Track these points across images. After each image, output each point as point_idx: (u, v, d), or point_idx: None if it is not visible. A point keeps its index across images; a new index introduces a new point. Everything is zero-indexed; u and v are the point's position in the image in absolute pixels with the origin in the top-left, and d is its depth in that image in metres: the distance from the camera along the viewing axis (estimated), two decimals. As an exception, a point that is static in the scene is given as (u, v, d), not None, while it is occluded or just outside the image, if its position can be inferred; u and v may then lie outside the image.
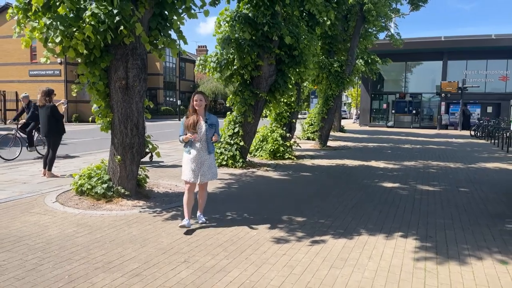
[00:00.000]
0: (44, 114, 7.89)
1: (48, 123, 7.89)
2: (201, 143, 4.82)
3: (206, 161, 4.87)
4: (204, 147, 4.84)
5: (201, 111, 4.86)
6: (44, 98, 7.91)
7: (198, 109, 4.83)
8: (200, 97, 4.84)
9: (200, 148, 4.83)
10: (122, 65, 5.67)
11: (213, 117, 4.98)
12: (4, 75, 30.64)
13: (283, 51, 9.04)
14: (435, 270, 3.84)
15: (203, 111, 4.88)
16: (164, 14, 5.92)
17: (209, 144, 4.87)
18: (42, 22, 5.05)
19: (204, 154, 4.85)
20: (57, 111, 8.01)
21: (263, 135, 11.48)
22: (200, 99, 4.81)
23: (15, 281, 3.41)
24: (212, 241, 4.51)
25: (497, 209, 6.28)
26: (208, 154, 4.88)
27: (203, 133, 4.81)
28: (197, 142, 4.80)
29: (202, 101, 4.82)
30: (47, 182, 7.56)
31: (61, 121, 8.14)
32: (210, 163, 4.92)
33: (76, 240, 4.43)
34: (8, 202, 5.95)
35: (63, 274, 3.55)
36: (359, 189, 7.59)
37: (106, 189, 5.97)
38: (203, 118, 4.86)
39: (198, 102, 4.80)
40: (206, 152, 4.86)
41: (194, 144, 4.82)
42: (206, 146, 4.85)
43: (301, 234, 4.83)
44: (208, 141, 4.85)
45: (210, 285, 3.40)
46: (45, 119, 7.88)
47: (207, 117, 4.90)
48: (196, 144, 4.81)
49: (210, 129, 4.86)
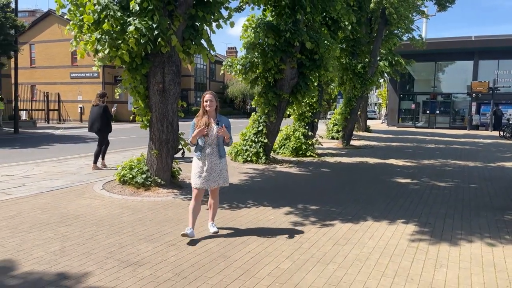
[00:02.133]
0: (97, 112, 9.02)
1: (100, 121, 9.00)
2: (211, 146, 4.51)
3: (217, 165, 4.55)
4: (215, 151, 4.53)
5: (211, 112, 4.53)
6: (98, 99, 9.07)
7: (209, 110, 4.50)
8: (210, 97, 4.51)
9: (211, 152, 4.52)
10: (160, 71, 6.54)
11: (224, 119, 4.64)
12: (47, 77, 32.72)
13: (304, 55, 9.71)
14: (426, 249, 4.44)
15: (214, 113, 4.56)
16: (195, 26, 6.74)
17: (220, 148, 4.57)
18: (94, 36, 5.97)
19: (215, 158, 4.54)
20: (108, 111, 9.17)
21: (286, 134, 12.18)
22: (210, 99, 4.49)
23: (77, 246, 4.29)
24: (235, 221, 5.27)
25: (501, 203, 6.72)
26: (219, 158, 4.57)
27: (214, 136, 4.49)
28: (208, 146, 4.51)
29: (212, 102, 4.50)
30: (93, 173, 8.58)
31: (110, 120, 9.22)
32: (221, 168, 4.59)
33: (122, 218, 5.31)
34: (64, 189, 6.96)
35: (114, 242, 4.41)
36: (373, 183, 8.16)
37: (144, 179, 6.86)
38: (214, 120, 4.53)
39: (209, 102, 4.48)
40: (217, 156, 4.55)
41: (204, 148, 4.52)
42: (217, 150, 4.54)
43: (313, 219, 5.51)
44: (219, 144, 4.55)
45: (233, 254, 4.16)
46: (98, 117, 9.00)
47: (218, 119, 4.57)
48: (207, 149, 4.51)
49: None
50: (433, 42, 28.83)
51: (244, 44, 9.86)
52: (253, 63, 9.83)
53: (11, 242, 4.36)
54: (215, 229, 4.74)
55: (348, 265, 3.94)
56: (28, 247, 4.20)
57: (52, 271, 3.65)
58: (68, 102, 32.12)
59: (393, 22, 14.05)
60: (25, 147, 13.72)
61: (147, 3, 5.81)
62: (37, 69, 33.38)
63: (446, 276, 3.74)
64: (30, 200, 6.16)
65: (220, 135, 4.46)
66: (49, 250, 4.15)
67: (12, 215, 5.32)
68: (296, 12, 9.18)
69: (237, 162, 10.35)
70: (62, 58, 32.19)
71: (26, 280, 3.45)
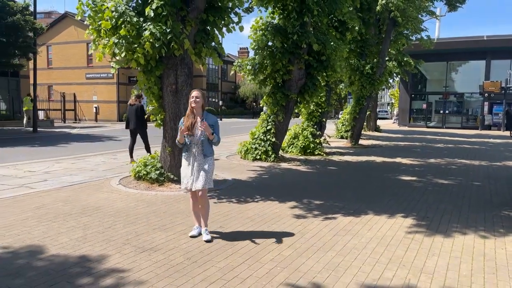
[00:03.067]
0: (134, 111, 9.80)
1: (136, 119, 9.80)
2: (197, 146, 4.40)
3: (201, 165, 4.42)
4: (199, 150, 4.42)
5: (198, 110, 4.40)
6: (135, 99, 9.91)
7: (194, 106, 4.37)
8: (197, 94, 4.39)
9: (196, 152, 4.42)
10: (173, 73, 6.93)
11: (211, 117, 4.49)
12: (64, 78, 33.57)
13: (312, 56, 10.01)
14: (420, 240, 4.72)
15: (200, 110, 4.43)
16: (206, 30, 7.12)
17: (205, 147, 4.43)
18: (112, 41, 6.39)
19: (200, 158, 4.42)
20: (144, 110, 9.82)
21: (295, 133, 12.49)
22: (197, 96, 4.37)
23: (98, 234, 4.69)
24: (242, 214, 5.63)
25: (501, 200, 6.93)
26: (203, 157, 4.43)
27: (199, 135, 4.38)
28: (193, 146, 4.42)
29: (199, 99, 4.37)
30: (110, 169, 9.03)
31: (145, 119, 9.87)
32: (206, 168, 4.42)
33: (137, 210, 5.71)
34: (83, 183, 7.41)
35: (131, 231, 4.80)
36: (378, 181, 8.43)
37: (158, 175, 7.26)
38: (200, 119, 4.41)
39: (194, 99, 4.36)
40: (201, 155, 4.42)
41: (190, 147, 4.44)
42: (201, 149, 4.42)
43: (316, 212, 5.83)
44: (204, 143, 4.42)
45: (239, 242, 4.50)
46: (134, 115, 9.80)
47: (205, 117, 4.43)
48: (193, 148, 4.42)
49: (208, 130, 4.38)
50: (444, 42, 28.79)
51: (252, 44, 10.20)
52: (262, 64, 10.18)
53: (37, 230, 4.78)
54: (208, 237, 4.47)
55: (346, 253, 4.25)
56: (53, 234, 4.62)
57: (76, 254, 4.05)
58: (83, 102, 32.91)
59: (401, 23, 14.24)
60: (44, 145, 14.30)
61: (161, 9, 6.20)
62: (53, 70, 34.26)
63: (436, 263, 4.03)
64: (52, 193, 6.61)
65: (202, 131, 4.32)
66: (72, 237, 4.56)
67: (37, 207, 5.76)
68: (303, 15, 9.49)
69: (246, 160, 10.70)
70: (78, 59, 33.02)
71: (53, 262, 3.86)
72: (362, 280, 3.61)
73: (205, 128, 4.31)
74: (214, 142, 4.47)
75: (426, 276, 3.71)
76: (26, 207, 5.75)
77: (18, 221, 5.10)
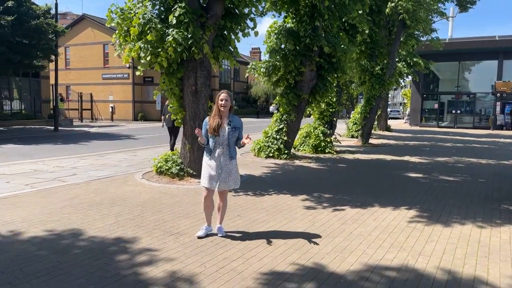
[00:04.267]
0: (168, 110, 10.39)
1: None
2: (222, 147, 4.45)
3: (227, 166, 4.48)
4: (225, 151, 4.46)
5: (225, 112, 4.46)
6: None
7: (223, 110, 4.43)
8: (226, 96, 4.45)
9: (221, 153, 4.46)
10: (193, 75, 7.46)
11: (236, 120, 4.56)
12: (81, 78, 34.55)
13: (323, 58, 10.47)
14: (421, 228, 5.16)
15: (227, 113, 4.49)
16: (224, 35, 7.63)
17: (231, 149, 4.49)
18: (138, 45, 6.95)
19: (226, 159, 4.47)
20: None
21: (306, 132, 12.95)
22: (226, 99, 4.43)
23: (129, 220, 5.23)
24: (258, 205, 6.12)
25: (503, 195, 7.29)
26: (229, 159, 4.49)
27: (225, 137, 4.44)
28: (218, 146, 4.46)
29: (228, 102, 4.43)
30: (132, 165, 9.62)
31: None
32: (231, 169, 4.51)
33: (162, 201, 6.25)
34: (109, 178, 8.00)
35: (158, 219, 5.34)
36: (385, 177, 8.85)
37: (179, 170, 7.80)
38: (226, 121, 4.47)
39: (224, 102, 4.41)
40: (227, 157, 4.48)
41: (215, 148, 4.47)
42: (228, 150, 4.47)
43: (326, 204, 6.29)
44: (230, 145, 4.48)
45: (255, 229, 5.01)
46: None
47: (231, 119, 4.50)
48: (217, 149, 4.46)
49: (233, 132, 4.47)
50: (457, 42, 28.88)
51: (267, 49, 10.71)
52: (275, 66, 10.66)
53: (75, 216, 5.35)
54: (223, 232, 4.68)
55: (352, 239, 4.71)
56: (90, 220, 5.18)
57: (112, 236, 4.60)
58: (99, 102, 33.83)
59: (411, 25, 14.58)
60: (66, 143, 15.03)
61: (183, 16, 6.74)
62: (71, 71, 35.26)
63: (434, 248, 4.47)
64: (83, 186, 7.21)
65: (229, 132, 4.45)
66: (106, 222, 5.11)
67: (71, 197, 6.35)
68: (315, 19, 9.96)
69: (259, 157, 11.20)
70: (95, 60, 33.95)
71: (93, 242, 4.41)
72: (366, 260, 4.08)
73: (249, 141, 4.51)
74: (242, 145, 4.57)
75: (424, 258, 4.16)
76: (61, 197, 6.34)
77: (57, 209, 5.68)
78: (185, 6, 6.77)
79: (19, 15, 16.49)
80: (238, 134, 4.55)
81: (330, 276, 3.68)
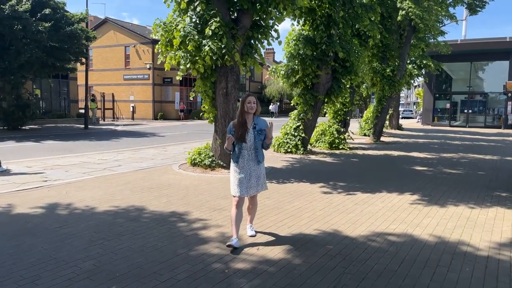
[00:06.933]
0: None
1: None
2: (249, 152, 4.37)
3: (255, 171, 4.41)
4: (253, 156, 4.38)
5: (250, 116, 4.37)
6: None
7: (249, 112, 4.33)
8: (254, 100, 4.35)
9: (249, 158, 4.38)
10: (224, 79, 8.59)
11: (261, 122, 4.43)
12: (103, 79, 36.11)
13: (337, 63, 11.51)
14: (421, 208, 6.19)
15: (252, 116, 4.39)
16: (251, 44, 8.75)
17: (258, 153, 4.41)
18: (179, 54, 8.11)
19: (253, 164, 4.40)
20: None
21: (322, 129, 14.00)
22: (254, 102, 4.33)
23: (177, 200, 6.38)
24: (282, 190, 7.22)
25: (498, 185, 8.24)
26: (257, 163, 4.42)
27: (251, 141, 4.35)
28: (245, 152, 4.37)
29: (255, 105, 4.33)
30: (166, 158, 10.82)
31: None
32: (260, 173, 4.45)
33: (200, 186, 7.39)
34: (150, 168, 9.19)
35: (201, 199, 6.48)
36: (394, 170, 9.86)
37: (211, 162, 8.95)
38: (251, 124, 4.36)
39: (252, 104, 4.32)
40: (255, 161, 4.40)
41: (242, 154, 4.37)
42: (255, 155, 4.39)
43: (340, 190, 7.36)
44: (257, 149, 4.39)
45: (282, 206, 6.11)
46: None
47: (256, 122, 4.39)
48: (245, 154, 4.37)
49: (259, 135, 4.37)
50: (468, 43, 29.50)
51: (286, 54, 11.80)
52: (293, 69, 11.75)
53: (133, 197, 6.52)
54: (252, 232, 4.70)
55: (363, 215, 5.77)
56: (146, 200, 6.34)
57: (168, 211, 5.75)
58: (121, 102, 35.33)
59: (421, 30, 15.50)
60: (100, 139, 16.35)
61: (218, 29, 7.87)
62: (94, 72, 36.79)
63: (429, 222, 5.50)
64: (131, 174, 8.41)
65: (256, 135, 4.35)
66: (161, 201, 6.27)
67: (124, 183, 7.54)
68: (330, 27, 11.01)
69: (279, 152, 12.30)
70: (116, 61, 35.46)
71: (155, 214, 5.56)
72: (373, 229, 5.14)
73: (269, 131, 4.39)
74: (268, 145, 4.51)
75: (420, 228, 5.20)
76: (117, 183, 7.54)
77: (116, 191, 6.87)
78: (220, 21, 7.90)
79: (55, 22, 17.89)
80: (265, 136, 4.41)
81: (345, 238, 4.76)
